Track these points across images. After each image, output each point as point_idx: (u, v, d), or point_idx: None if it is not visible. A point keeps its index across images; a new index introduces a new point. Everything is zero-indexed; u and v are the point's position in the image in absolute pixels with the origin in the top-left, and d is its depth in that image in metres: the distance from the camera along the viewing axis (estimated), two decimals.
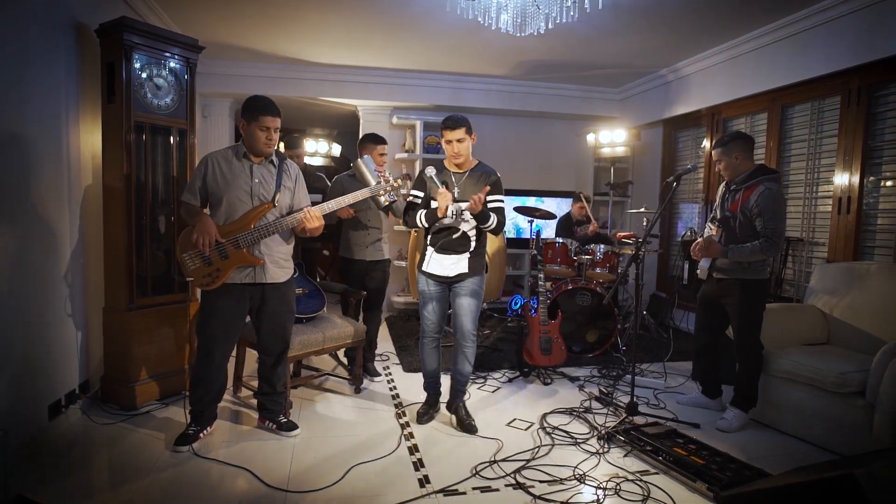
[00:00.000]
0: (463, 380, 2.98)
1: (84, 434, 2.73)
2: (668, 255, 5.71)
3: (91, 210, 3.13)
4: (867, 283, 3.17)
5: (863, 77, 3.64)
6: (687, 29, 4.20)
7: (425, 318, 2.94)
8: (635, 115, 5.99)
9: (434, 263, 2.85)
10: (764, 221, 2.85)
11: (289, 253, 2.72)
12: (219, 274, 2.53)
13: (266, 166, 2.63)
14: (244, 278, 2.58)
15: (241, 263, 2.54)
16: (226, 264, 2.52)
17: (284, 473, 2.39)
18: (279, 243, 2.64)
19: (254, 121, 2.53)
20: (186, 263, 2.53)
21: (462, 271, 2.82)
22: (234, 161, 2.58)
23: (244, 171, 2.57)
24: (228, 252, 2.52)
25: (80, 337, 3.00)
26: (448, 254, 2.81)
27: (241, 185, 2.55)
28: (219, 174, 2.55)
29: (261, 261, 2.57)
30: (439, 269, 2.84)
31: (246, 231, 2.52)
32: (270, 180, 2.61)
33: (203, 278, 2.53)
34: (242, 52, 5.01)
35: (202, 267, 2.52)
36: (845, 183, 3.78)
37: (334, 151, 6.26)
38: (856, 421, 2.64)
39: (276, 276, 2.64)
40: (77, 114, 2.99)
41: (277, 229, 2.58)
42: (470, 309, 2.86)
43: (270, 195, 2.58)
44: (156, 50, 3.06)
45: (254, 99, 2.59)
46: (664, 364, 4.07)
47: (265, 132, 2.54)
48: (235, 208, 2.55)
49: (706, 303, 3.22)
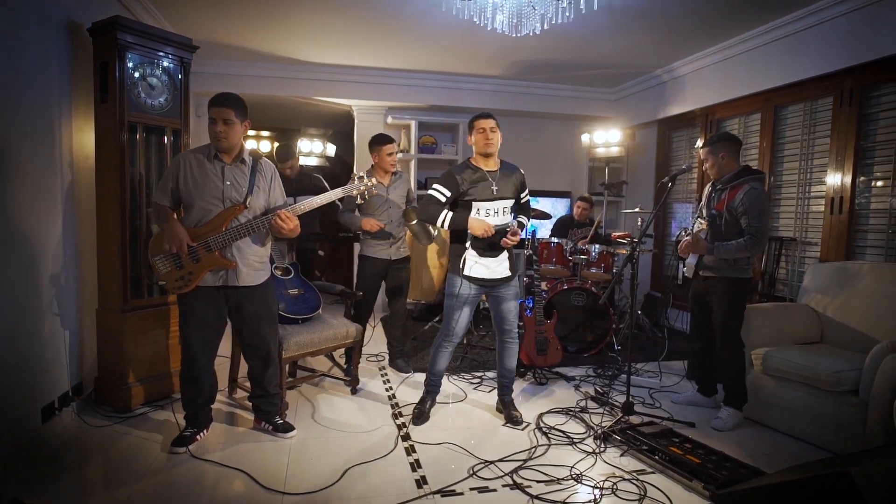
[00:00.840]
0: (511, 375, 3.10)
1: (78, 436, 2.71)
2: (663, 255, 5.74)
3: (84, 210, 3.10)
4: (859, 282, 3.20)
5: (855, 78, 3.68)
6: (681, 30, 4.22)
7: (456, 321, 2.89)
8: (630, 116, 6.02)
9: (479, 267, 2.84)
10: (749, 220, 2.90)
11: (264, 255, 2.68)
12: (191, 277, 2.49)
13: (238, 167, 2.56)
14: (217, 281, 2.54)
15: (214, 266, 2.50)
16: (198, 267, 2.49)
17: (281, 475, 2.38)
18: (252, 246, 2.59)
19: (209, 115, 2.49)
20: (158, 267, 2.51)
21: (506, 274, 2.89)
22: (206, 162, 2.52)
23: (215, 173, 2.52)
24: (200, 255, 2.47)
25: (73, 338, 2.98)
26: (490, 256, 2.84)
27: (211, 188, 2.50)
28: (190, 177, 2.49)
29: (233, 263, 2.52)
30: (485, 273, 2.85)
31: (217, 233, 2.47)
32: (243, 182, 2.55)
33: (175, 282, 2.50)
34: (236, 52, 4.99)
35: (174, 270, 2.49)
36: (838, 183, 3.81)
37: (329, 151, 6.23)
38: (849, 419, 2.67)
39: (250, 279, 2.60)
40: (70, 113, 2.97)
41: (250, 231, 2.52)
42: (515, 308, 2.97)
43: (242, 197, 2.53)
44: (149, 49, 3.04)
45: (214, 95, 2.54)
46: (659, 363, 4.09)
47: (214, 124, 2.47)
48: (207, 211, 2.50)
49: (697, 301, 3.26)
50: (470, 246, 2.83)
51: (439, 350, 2.99)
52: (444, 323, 2.94)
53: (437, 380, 3.08)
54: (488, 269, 2.85)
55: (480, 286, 2.88)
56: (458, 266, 2.84)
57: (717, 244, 2.96)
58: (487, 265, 2.84)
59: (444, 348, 2.97)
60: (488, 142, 2.80)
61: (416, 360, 4.14)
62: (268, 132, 7.77)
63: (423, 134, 6.03)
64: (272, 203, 2.66)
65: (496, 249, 2.85)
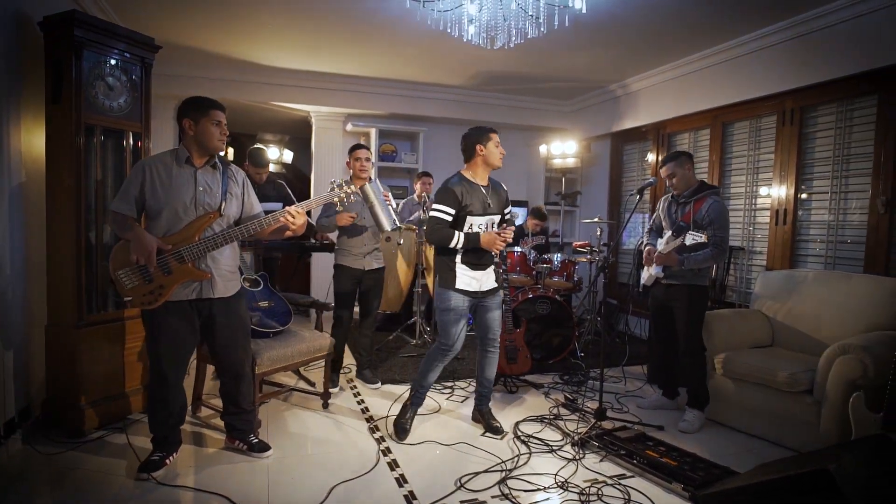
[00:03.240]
0: (491, 386, 3.14)
1: (29, 467, 2.47)
2: (618, 264, 5.95)
3: (32, 218, 2.86)
4: (806, 289, 3.44)
5: (796, 99, 3.98)
6: (637, 47, 4.42)
7: (458, 335, 2.86)
8: (586, 128, 6.23)
9: (472, 281, 2.86)
10: (714, 230, 3.06)
11: (235, 265, 2.56)
12: (161, 291, 2.31)
13: (210, 172, 2.44)
14: (190, 294, 2.39)
15: (186, 279, 2.34)
16: (168, 280, 2.31)
17: (263, 497, 2.27)
18: (226, 255, 2.47)
19: (204, 116, 2.36)
20: (123, 282, 2.29)
21: (493, 286, 2.93)
22: (175, 167, 2.37)
23: (187, 178, 2.38)
24: (171, 267, 2.30)
25: (19, 358, 2.72)
26: (480, 269, 2.87)
27: (183, 193, 2.35)
28: (158, 182, 2.33)
29: (207, 275, 2.38)
30: (476, 286, 2.87)
31: (190, 243, 2.32)
32: (216, 188, 2.43)
33: (143, 296, 2.30)
34: (191, 53, 4.78)
35: (141, 285, 2.29)
36: (782, 196, 4.10)
37: (286, 158, 6.08)
38: (804, 417, 2.86)
39: (224, 290, 2.47)
40: (18, 113, 2.73)
41: (226, 240, 2.39)
42: (499, 318, 3.06)
43: (216, 204, 2.41)
44: (109, 47, 2.85)
45: (196, 98, 2.41)
46: (623, 369, 4.23)
47: (218, 127, 2.38)
48: (178, 219, 2.33)
49: (658, 308, 3.40)
50: (460, 261, 2.84)
51: (435, 363, 2.93)
52: (443, 337, 2.87)
53: (425, 392, 3.05)
54: (478, 282, 2.88)
55: (473, 298, 2.89)
56: (450, 280, 2.84)
57: (687, 255, 3.10)
58: (477, 278, 2.87)
59: (441, 362, 2.93)
60: (503, 153, 2.90)
61: (382, 370, 4.08)
62: None
63: (383, 142, 5.99)
64: (248, 210, 2.55)
65: (485, 263, 2.88)
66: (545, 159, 6.22)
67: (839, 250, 3.78)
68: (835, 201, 3.79)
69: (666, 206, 3.39)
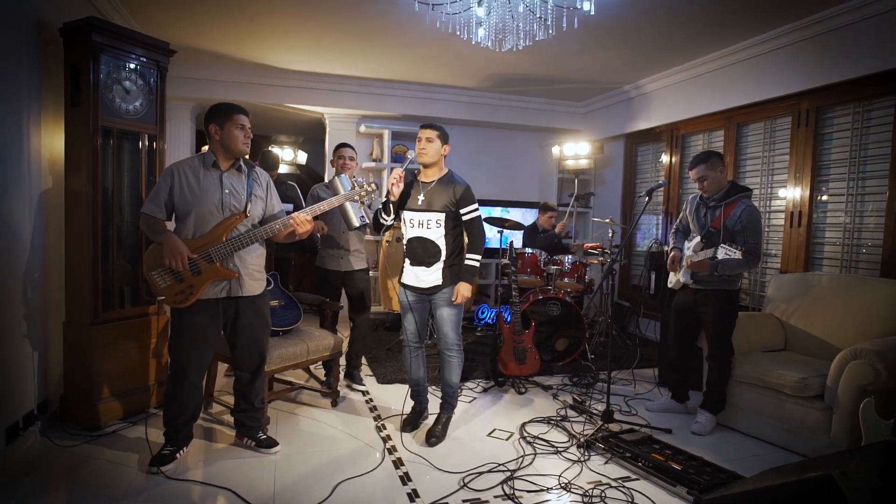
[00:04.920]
0: (449, 390, 2.99)
1: (46, 458, 2.56)
2: (630, 266, 5.91)
3: (52, 218, 2.95)
4: (820, 292, 3.39)
5: (812, 100, 3.91)
6: (650, 48, 4.39)
7: (404, 327, 2.98)
8: (598, 129, 6.19)
9: (410, 275, 2.90)
10: (746, 237, 2.99)
11: (262, 264, 2.65)
12: (192, 291, 2.41)
13: (235, 175, 2.53)
14: (219, 293, 2.48)
15: (215, 278, 2.44)
16: (198, 280, 2.41)
17: (269, 492, 2.32)
18: (252, 255, 2.56)
19: (228, 121, 2.46)
20: (156, 282, 2.40)
21: (436, 283, 2.84)
22: (202, 171, 2.48)
23: (214, 181, 2.47)
24: (201, 267, 2.40)
25: (37, 354, 2.81)
26: (421, 266, 2.84)
27: (211, 196, 2.45)
28: (186, 186, 2.43)
29: (235, 274, 2.48)
30: (415, 281, 2.88)
31: (218, 244, 2.41)
32: (241, 190, 2.52)
33: (175, 296, 2.40)
34: (206, 56, 4.87)
35: (173, 285, 2.39)
36: (797, 198, 4.04)
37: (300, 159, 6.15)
38: (815, 423, 2.82)
39: (252, 289, 2.57)
40: (39, 116, 2.82)
41: (252, 240, 2.48)
42: (450, 319, 2.87)
43: (241, 205, 2.50)
44: (125, 52, 2.94)
45: (220, 104, 2.54)
46: (633, 371, 4.21)
47: (242, 130, 2.49)
48: (205, 221, 2.44)
49: (681, 312, 3.34)
50: (405, 254, 2.93)
51: (404, 357, 3.05)
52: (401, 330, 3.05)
53: (414, 387, 3.09)
54: (417, 279, 2.88)
55: (417, 293, 2.91)
56: (400, 274, 2.97)
57: (720, 261, 2.98)
58: (416, 273, 2.88)
59: (406, 354, 3.03)
60: (420, 149, 2.81)
61: (391, 369, 4.11)
62: None
63: (396, 143, 6.03)
64: (270, 210, 2.63)
65: (423, 261, 2.85)
66: (558, 160, 6.20)
67: (855, 253, 3.71)
68: (851, 203, 3.72)
69: (694, 207, 3.29)
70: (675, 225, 3.51)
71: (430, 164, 2.84)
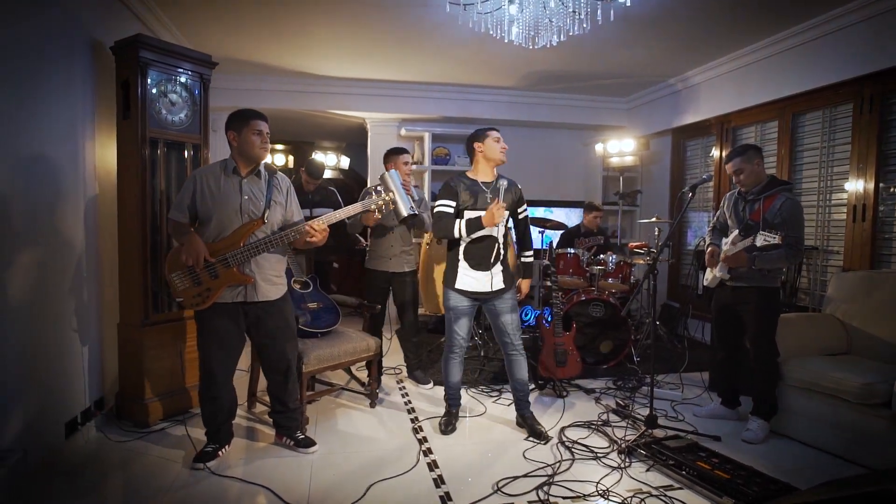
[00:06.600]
0: (526, 388, 3.04)
1: (100, 452, 2.71)
2: (680, 265, 5.69)
3: (106, 225, 3.13)
4: (886, 291, 3.14)
5: (875, 85, 3.64)
6: (694, 39, 4.21)
7: (456, 333, 2.94)
8: (643, 125, 6.00)
9: (468, 279, 2.85)
10: (787, 230, 2.84)
11: (281, 270, 2.68)
12: (209, 293, 2.48)
13: (255, 181, 2.57)
14: (235, 297, 2.53)
15: (231, 282, 2.49)
16: (216, 283, 2.47)
17: (304, 491, 2.36)
18: (270, 261, 2.59)
19: (245, 126, 2.50)
20: (175, 284, 2.49)
21: (500, 287, 2.86)
22: (223, 177, 2.53)
23: (233, 187, 2.53)
24: (218, 271, 2.46)
25: (94, 353, 2.99)
26: (483, 269, 2.83)
27: (230, 202, 2.50)
28: (207, 192, 2.50)
29: (251, 279, 2.51)
30: (476, 286, 2.85)
31: (235, 249, 2.47)
32: (260, 195, 2.56)
33: (193, 298, 2.49)
34: (250, 66, 5.04)
35: (191, 287, 2.48)
36: (860, 190, 3.76)
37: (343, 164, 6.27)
38: (880, 432, 2.61)
39: (268, 294, 2.59)
40: (93, 130, 3.01)
41: (269, 246, 2.51)
42: (515, 321, 2.94)
43: (260, 211, 2.53)
44: (170, 66, 3.08)
45: (238, 110, 2.57)
46: (680, 375, 4.04)
47: (259, 136, 2.51)
48: (225, 226, 2.49)
49: (722, 311, 3.20)
50: (463, 258, 2.85)
51: (446, 362, 3.02)
52: (446, 335, 2.98)
53: (454, 392, 3.08)
54: (478, 282, 2.84)
55: (473, 299, 2.87)
56: (451, 279, 2.88)
57: (758, 254, 2.88)
58: (478, 278, 2.84)
59: (450, 360, 3.00)
60: (504, 147, 2.86)
61: (433, 372, 4.11)
62: (282, 145, 7.84)
63: (436, 146, 6.04)
64: (289, 217, 2.67)
65: (486, 264, 2.83)
66: (602, 158, 6.05)
67: None
68: None
69: (732, 203, 3.16)
70: (711, 223, 3.36)
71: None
